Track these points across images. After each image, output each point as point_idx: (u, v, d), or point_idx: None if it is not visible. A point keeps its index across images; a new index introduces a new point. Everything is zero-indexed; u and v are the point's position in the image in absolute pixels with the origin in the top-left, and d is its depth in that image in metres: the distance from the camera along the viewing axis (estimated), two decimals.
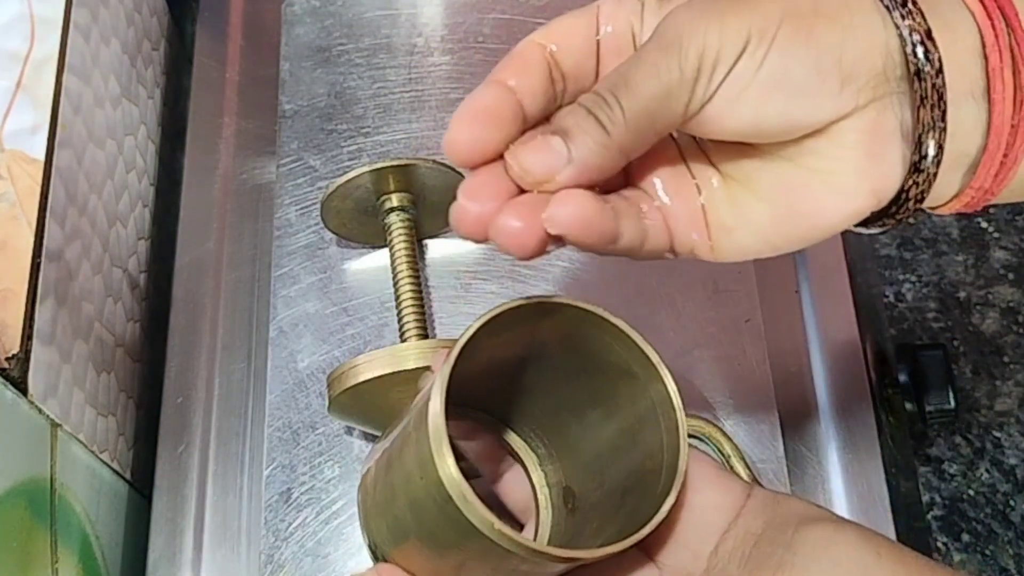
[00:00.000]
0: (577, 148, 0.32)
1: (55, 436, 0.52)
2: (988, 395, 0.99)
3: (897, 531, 0.57)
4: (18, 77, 0.56)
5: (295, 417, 0.59)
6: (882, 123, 0.32)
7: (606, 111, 0.32)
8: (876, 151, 0.32)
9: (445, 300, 0.63)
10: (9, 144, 0.54)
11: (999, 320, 1.02)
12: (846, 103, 0.31)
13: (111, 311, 0.62)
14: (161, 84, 0.76)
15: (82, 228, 0.58)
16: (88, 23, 0.62)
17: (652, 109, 0.31)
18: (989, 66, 0.31)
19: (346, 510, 0.58)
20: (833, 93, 0.31)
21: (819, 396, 0.60)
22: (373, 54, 0.70)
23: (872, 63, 0.31)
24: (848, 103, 0.31)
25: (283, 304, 0.62)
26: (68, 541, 0.53)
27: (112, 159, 0.64)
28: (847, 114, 0.32)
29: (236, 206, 0.68)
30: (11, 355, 0.49)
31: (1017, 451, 0.96)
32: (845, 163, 0.32)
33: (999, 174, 0.32)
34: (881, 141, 0.32)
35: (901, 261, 1.05)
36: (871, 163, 0.32)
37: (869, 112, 0.32)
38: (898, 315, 1.03)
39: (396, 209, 0.60)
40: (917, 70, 0.31)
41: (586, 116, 0.32)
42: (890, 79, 0.32)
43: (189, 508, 0.59)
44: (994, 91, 0.31)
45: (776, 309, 0.62)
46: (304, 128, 0.67)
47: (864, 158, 0.32)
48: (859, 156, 0.32)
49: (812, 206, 0.33)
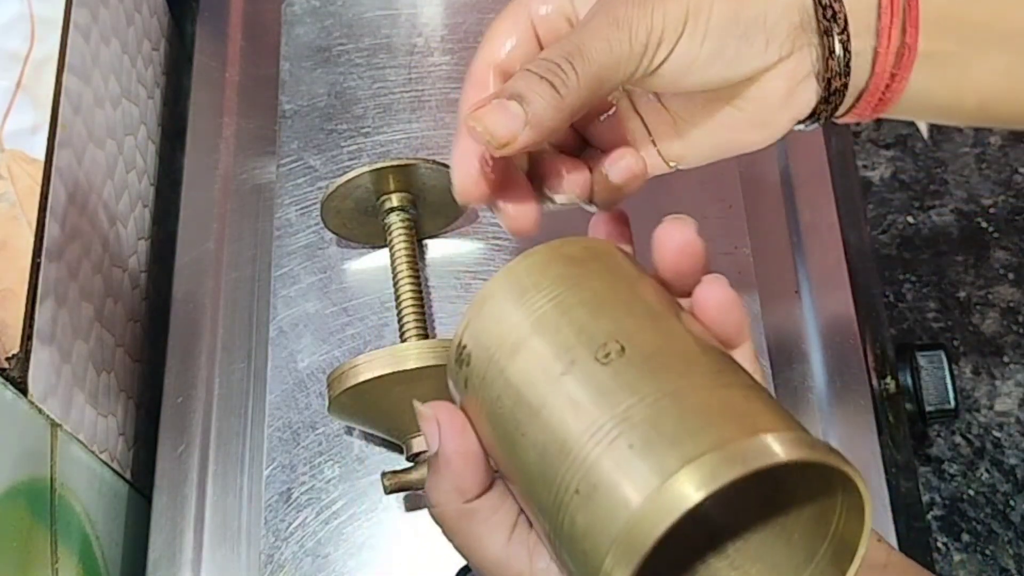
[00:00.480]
0: (533, 110, 0.35)
1: (55, 436, 0.52)
2: (988, 395, 0.99)
3: (897, 531, 0.57)
4: (18, 77, 0.56)
5: (295, 417, 0.59)
6: (799, 69, 0.38)
7: (560, 75, 0.35)
8: (794, 91, 0.39)
9: (445, 300, 0.63)
10: (9, 144, 0.54)
11: (999, 320, 1.02)
12: (771, 57, 0.37)
13: (111, 311, 0.62)
14: (161, 84, 0.76)
15: (82, 228, 0.58)
16: (88, 23, 0.62)
17: (602, 76, 0.36)
18: (880, 24, 0.38)
19: (346, 510, 0.58)
20: (761, 52, 0.37)
21: (819, 396, 0.60)
22: (373, 54, 0.70)
23: (791, 21, 0.37)
24: (772, 57, 0.37)
25: (283, 304, 0.62)
26: (68, 541, 0.53)
27: (112, 159, 0.64)
28: (772, 65, 0.38)
29: (236, 206, 0.68)
30: (11, 355, 0.49)
31: (1017, 451, 0.96)
32: (770, 103, 0.39)
33: (877, 107, 0.40)
34: (798, 83, 0.38)
35: (901, 261, 1.05)
36: (790, 99, 0.39)
37: (790, 62, 0.38)
38: (898, 315, 1.03)
39: (396, 209, 0.60)
40: (827, 27, 0.37)
41: (539, 81, 0.35)
42: (806, 31, 0.37)
43: (189, 508, 0.59)
44: (880, 46, 0.38)
45: (776, 309, 0.62)
46: (304, 128, 0.67)
47: (785, 97, 0.39)
48: (781, 96, 0.39)
49: (744, 135, 0.40)
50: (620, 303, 0.34)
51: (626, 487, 0.29)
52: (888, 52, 0.38)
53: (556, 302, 0.34)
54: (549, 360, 0.33)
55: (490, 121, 0.35)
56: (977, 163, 1.10)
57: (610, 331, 0.33)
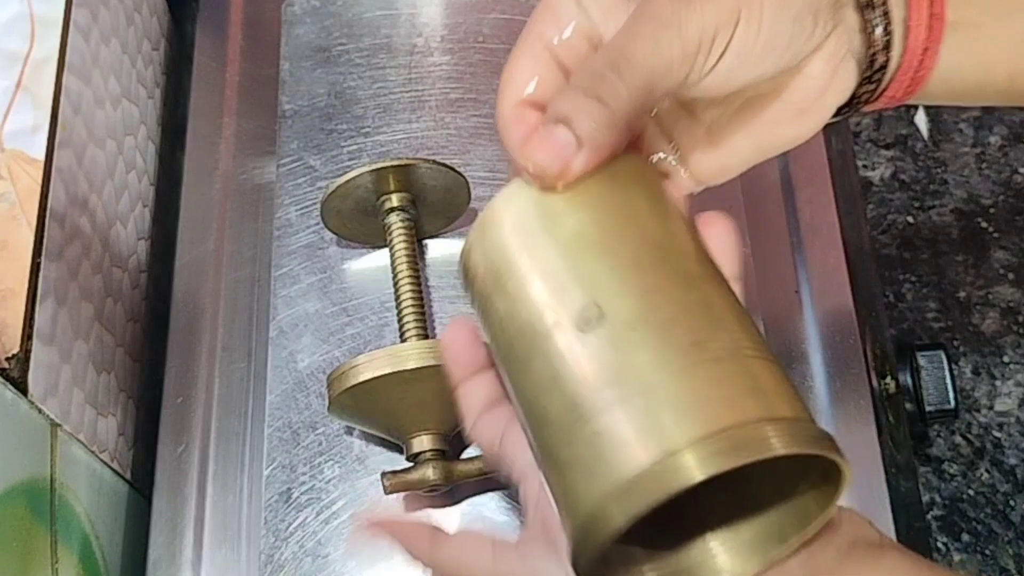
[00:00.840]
0: (584, 131, 0.32)
1: (55, 436, 0.52)
2: (988, 395, 0.99)
3: (897, 531, 0.57)
4: (18, 77, 0.56)
5: (295, 417, 0.59)
6: (839, 48, 0.36)
7: (606, 87, 0.32)
8: (836, 72, 0.37)
9: (445, 300, 0.63)
10: (9, 144, 0.54)
11: (999, 320, 1.02)
12: (817, 39, 0.35)
13: (111, 311, 0.62)
14: (161, 84, 0.76)
15: (82, 228, 0.58)
16: (88, 23, 0.62)
17: (652, 82, 0.33)
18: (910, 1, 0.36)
19: (346, 510, 0.58)
20: (810, 34, 0.35)
21: (819, 396, 0.60)
22: (373, 54, 0.70)
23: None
24: (818, 39, 0.35)
25: (283, 304, 0.62)
26: (68, 541, 0.53)
27: (112, 159, 0.64)
28: (817, 48, 0.36)
29: (236, 206, 0.68)
30: (11, 355, 0.49)
31: (1017, 451, 0.96)
32: (814, 89, 0.37)
33: (910, 87, 0.38)
34: (839, 63, 0.36)
35: (901, 261, 1.06)
36: (832, 83, 0.37)
37: (830, 42, 0.36)
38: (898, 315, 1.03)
39: (396, 209, 0.60)
40: (869, 1, 0.36)
41: (584, 97, 0.32)
42: (844, 5, 0.36)
43: (189, 508, 0.59)
44: (911, 18, 0.36)
45: (776, 309, 0.62)
46: (304, 128, 0.67)
47: (828, 80, 0.37)
48: (824, 80, 0.37)
49: (787, 128, 0.38)
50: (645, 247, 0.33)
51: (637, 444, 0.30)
52: (919, 24, 0.36)
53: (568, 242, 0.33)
54: (551, 309, 0.32)
55: (539, 156, 0.33)
56: (977, 163, 1.10)
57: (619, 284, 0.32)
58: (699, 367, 0.31)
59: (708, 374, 0.31)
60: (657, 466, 0.29)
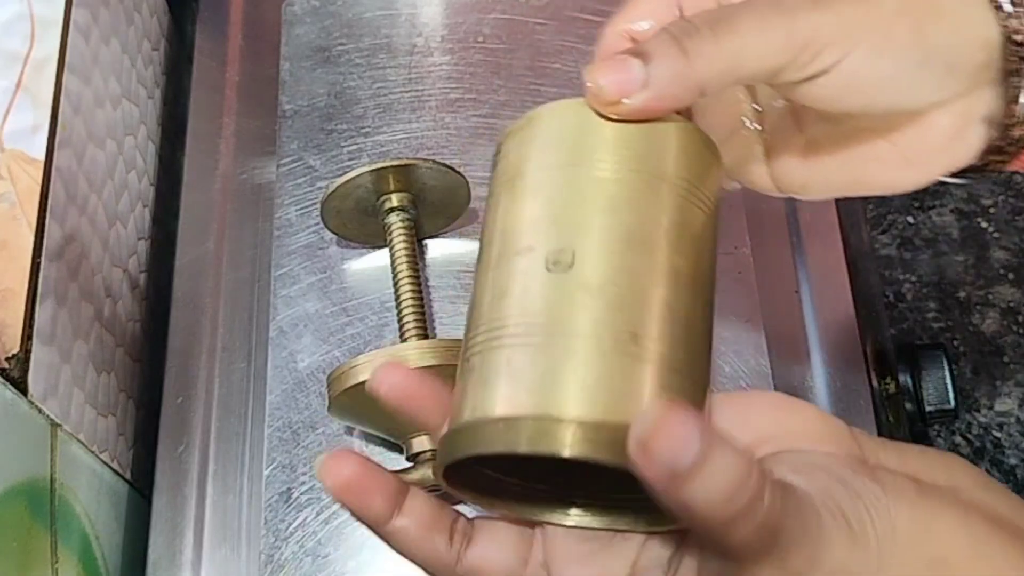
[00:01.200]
0: (656, 72, 0.31)
1: (55, 436, 0.52)
2: (988, 395, 0.99)
3: None
4: (18, 77, 0.56)
5: (295, 417, 0.59)
6: (973, 111, 0.34)
7: (695, 42, 0.31)
8: (961, 133, 0.34)
9: (445, 300, 0.63)
10: (9, 144, 0.54)
11: (999, 320, 1.02)
12: (947, 93, 0.33)
13: (111, 311, 0.62)
14: (161, 84, 0.76)
15: (82, 228, 0.58)
16: (88, 23, 0.62)
17: (743, 58, 0.31)
18: None
19: (346, 510, 0.57)
20: (938, 85, 0.33)
21: (819, 396, 0.60)
22: (373, 54, 0.70)
23: (975, 58, 0.33)
24: (948, 93, 0.33)
25: (283, 304, 0.62)
26: (68, 541, 0.53)
27: (112, 159, 0.64)
28: (945, 102, 0.33)
29: (236, 206, 0.68)
30: (11, 355, 0.49)
31: (1017, 451, 0.96)
32: (930, 143, 0.34)
33: None
34: (968, 125, 0.34)
35: (901, 261, 1.06)
36: (954, 142, 0.34)
37: (965, 101, 0.34)
38: (898, 315, 1.03)
39: (396, 209, 0.60)
40: (1016, 68, 0.33)
41: (671, 42, 0.31)
42: (991, 69, 0.33)
43: (189, 508, 0.59)
44: None
45: (776, 309, 0.62)
46: (304, 128, 0.67)
47: (950, 139, 0.34)
48: (946, 138, 0.34)
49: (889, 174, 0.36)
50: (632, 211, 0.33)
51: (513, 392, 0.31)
52: None
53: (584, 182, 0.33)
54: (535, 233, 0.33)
55: (602, 75, 0.31)
56: None
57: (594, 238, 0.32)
58: (624, 357, 0.31)
59: (627, 367, 0.31)
60: (533, 420, 0.30)
